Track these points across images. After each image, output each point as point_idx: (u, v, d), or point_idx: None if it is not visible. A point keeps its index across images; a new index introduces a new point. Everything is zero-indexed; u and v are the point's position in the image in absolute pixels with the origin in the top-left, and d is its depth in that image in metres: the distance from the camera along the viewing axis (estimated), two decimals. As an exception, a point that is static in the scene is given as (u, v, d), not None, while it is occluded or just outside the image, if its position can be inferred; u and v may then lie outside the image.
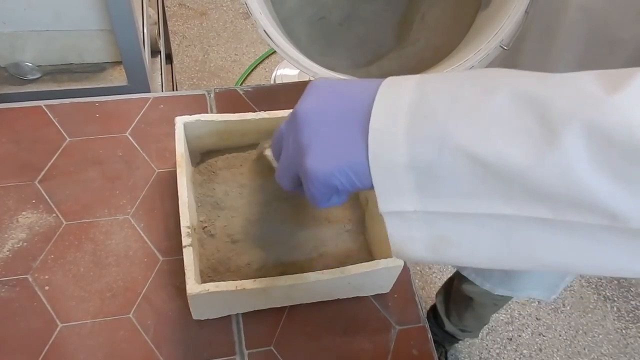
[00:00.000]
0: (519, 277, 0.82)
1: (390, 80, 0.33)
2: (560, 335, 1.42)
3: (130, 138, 0.65)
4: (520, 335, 1.41)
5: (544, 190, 0.28)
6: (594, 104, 0.27)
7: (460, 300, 1.09)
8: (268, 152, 0.57)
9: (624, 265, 0.30)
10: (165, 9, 1.34)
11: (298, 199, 0.57)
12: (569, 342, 1.41)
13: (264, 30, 0.59)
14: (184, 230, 0.50)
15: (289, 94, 0.71)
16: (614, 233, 0.28)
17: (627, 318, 1.46)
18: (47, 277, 0.55)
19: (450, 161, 0.29)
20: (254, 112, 0.59)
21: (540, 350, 1.40)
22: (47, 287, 0.54)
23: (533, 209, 0.29)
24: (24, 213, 0.58)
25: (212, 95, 0.70)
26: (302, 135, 0.35)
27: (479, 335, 1.34)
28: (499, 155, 0.28)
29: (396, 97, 0.32)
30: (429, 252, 0.33)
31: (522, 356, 1.39)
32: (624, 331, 1.44)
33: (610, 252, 0.29)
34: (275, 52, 0.71)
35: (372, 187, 0.32)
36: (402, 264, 0.51)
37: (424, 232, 0.32)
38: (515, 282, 0.84)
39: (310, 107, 0.35)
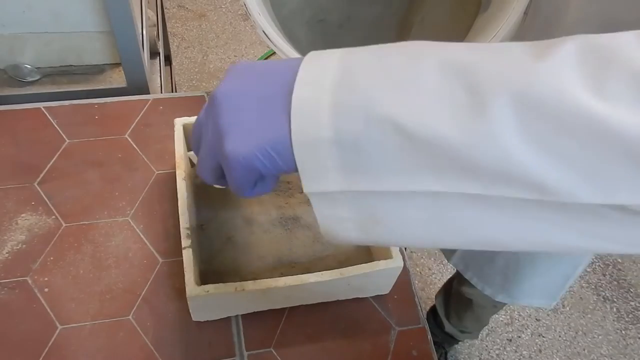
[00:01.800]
0: (520, 283, 0.82)
1: (313, 54, 0.32)
2: (559, 336, 1.42)
3: (130, 140, 0.65)
4: (520, 336, 1.41)
5: (473, 164, 0.27)
6: (522, 71, 0.26)
7: (459, 301, 1.09)
8: (190, 153, 0.53)
9: (556, 240, 0.29)
10: (165, 10, 1.34)
11: (298, 200, 0.57)
12: (568, 343, 1.41)
13: (263, 31, 0.59)
14: (183, 232, 0.50)
15: (288, 96, 0.71)
16: (545, 207, 0.27)
17: (626, 319, 1.46)
18: (46, 279, 0.55)
19: (376, 133, 0.28)
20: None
21: (540, 351, 1.40)
22: (46, 289, 0.54)
23: (462, 185, 0.28)
24: (23, 215, 0.58)
25: (211, 97, 0.70)
26: (221, 119, 0.33)
27: (479, 336, 1.34)
28: (426, 127, 0.27)
29: (320, 70, 0.30)
30: (358, 232, 0.32)
31: (521, 357, 1.39)
32: (623, 332, 1.44)
33: (542, 227, 0.28)
34: (274, 53, 0.71)
35: (296, 169, 0.31)
36: (402, 265, 0.51)
37: (351, 212, 0.31)
38: (516, 288, 0.83)
39: (230, 88, 0.33)
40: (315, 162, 0.30)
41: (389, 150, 0.28)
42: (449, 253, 0.88)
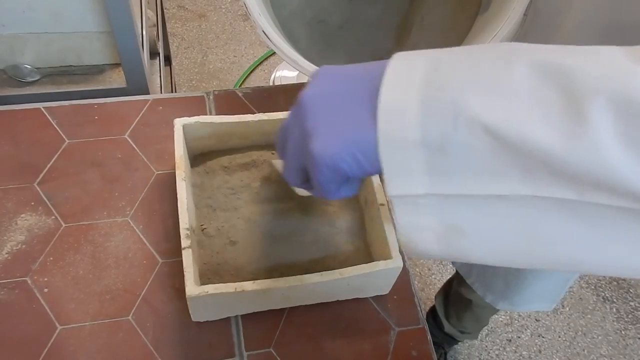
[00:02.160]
0: (521, 290, 0.81)
1: (400, 54, 0.31)
2: (559, 337, 1.42)
3: (129, 140, 0.65)
4: (519, 337, 1.41)
5: (567, 168, 0.25)
6: (622, 74, 0.25)
7: (459, 302, 1.09)
8: (274, 161, 0.55)
9: None
10: (164, 11, 1.34)
11: (297, 201, 0.57)
12: (568, 343, 1.41)
13: (263, 31, 0.59)
14: (183, 232, 0.50)
15: (288, 96, 0.71)
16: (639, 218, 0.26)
17: (626, 319, 1.46)
18: (46, 279, 0.55)
19: (464, 135, 0.27)
20: (253, 113, 0.59)
21: (540, 351, 1.40)
22: (46, 290, 0.54)
23: (554, 189, 0.26)
24: (22, 215, 0.58)
25: (211, 97, 0.70)
26: (307, 121, 0.33)
27: (478, 337, 1.34)
28: (518, 130, 0.26)
29: (408, 71, 0.30)
30: (439, 243, 0.31)
31: (521, 357, 1.39)
32: (623, 332, 1.44)
33: (633, 242, 0.27)
34: (274, 53, 0.71)
35: (381, 171, 0.30)
36: (402, 265, 0.51)
37: (434, 220, 0.30)
38: (517, 296, 0.82)
39: (316, 91, 0.33)
40: (401, 163, 0.29)
41: (477, 152, 0.27)
42: None
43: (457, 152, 0.28)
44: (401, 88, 0.29)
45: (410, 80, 0.29)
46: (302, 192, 0.46)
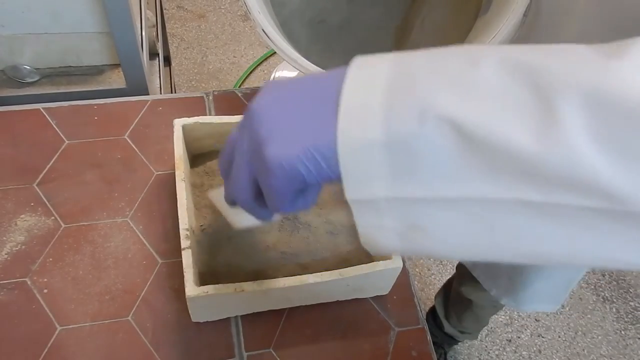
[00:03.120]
0: (524, 288, 0.81)
1: (360, 58, 0.30)
2: (559, 337, 1.42)
3: (129, 140, 0.65)
4: (519, 337, 1.42)
5: (536, 168, 0.25)
6: (593, 69, 0.24)
7: (459, 302, 1.09)
8: (211, 192, 0.49)
9: (614, 255, 0.27)
10: (164, 11, 1.34)
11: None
12: (568, 344, 1.41)
13: (263, 30, 0.59)
14: (182, 233, 0.50)
15: (287, 96, 0.71)
16: (608, 217, 0.25)
17: (626, 319, 1.46)
18: (45, 280, 0.55)
19: (431, 132, 0.26)
20: (252, 114, 0.59)
21: (540, 351, 1.40)
22: (45, 290, 0.54)
23: (522, 191, 0.26)
24: (22, 216, 0.58)
25: (210, 98, 0.70)
26: (260, 128, 0.30)
27: (478, 337, 1.34)
28: (487, 128, 0.25)
29: (371, 72, 0.28)
30: (401, 242, 0.30)
31: (521, 357, 1.39)
32: (623, 332, 1.44)
33: (601, 240, 0.26)
34: (273, 54, 0.70)
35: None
36: (401, 265, 0.51)
37: (396, 222, 0.29)
38: (520, 292, 0.82)
39: (269, 99, 0.31)
40: (362, 166, 0.28)
41: (444, 152, 0.26)
42: None
43: (423, 152, 0.26)
44: (364, 89, 0.28)
45: (373, 81, 0.28)
46: (242, 222, 0.42)
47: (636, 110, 0.23)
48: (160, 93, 0.98)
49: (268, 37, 0.60)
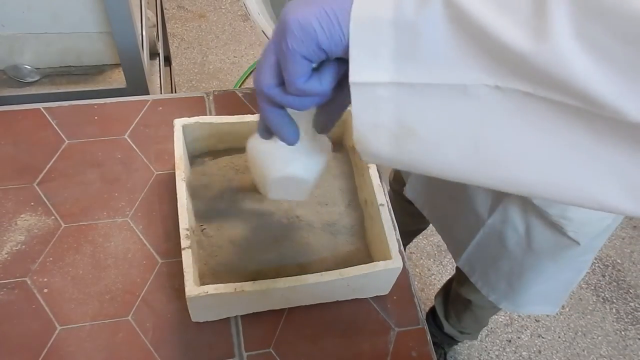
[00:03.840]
0: (524, 292, 0.81)
1: None
2: (559, 337, 1.42)
3: (129, 140, 0.65)
4: (519, 337, 1.41)
5: (525, 61, 0.26)
6: None
7: (459, 302, 1.09)
8: (250, 142, 0.44)
9: (583, 173, 0.29)
10: (164, 11, 1.34)
11: (297, 201, 0.57)
12: (568, 344, 1.41)
13: (263, 31, 0.60)
14: (182, 233, 0.50)
15: (287, 96, 0.71)
16: (587, 125, 0.27)
17: (626, 320, 1.46)
18: (45, 279, 0.55)
19: (435, 14, 0.28)
20: (252, 114, 0.59)
21: (540, 352, 1.40)
22: (45, 290, 0.54)
23: (515, 82, 0.27)
24: (22, 215, 0.58)
25: (210, 98, 0.70)
26: (286, 13, 0.32)
27: (478, 337, 1.34)
28: (486, 19, 0.27)
29: None
30: (390, 144, 0.32)
31: (521, 358, 1.39)
32: (623, 333, 1.44)
33: (581, 152, 0.28)
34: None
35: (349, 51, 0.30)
36: (401, 265, 0.51)
37: (391, 120, 0.31)
38: (519, 296, 0.82)
39: (296, 3, 0.33)
40: (369, 40, 0.29)
41: (446, 36, 0.28)
42: (456, 253, 0.88)
43: (425, 33, 0.28)
44: None
45: None
46: (278, 171, 0.41)
47: (615, 11, 0.24)
48: (161, 93, 0.98)
49: (268, 38, 0.60)
